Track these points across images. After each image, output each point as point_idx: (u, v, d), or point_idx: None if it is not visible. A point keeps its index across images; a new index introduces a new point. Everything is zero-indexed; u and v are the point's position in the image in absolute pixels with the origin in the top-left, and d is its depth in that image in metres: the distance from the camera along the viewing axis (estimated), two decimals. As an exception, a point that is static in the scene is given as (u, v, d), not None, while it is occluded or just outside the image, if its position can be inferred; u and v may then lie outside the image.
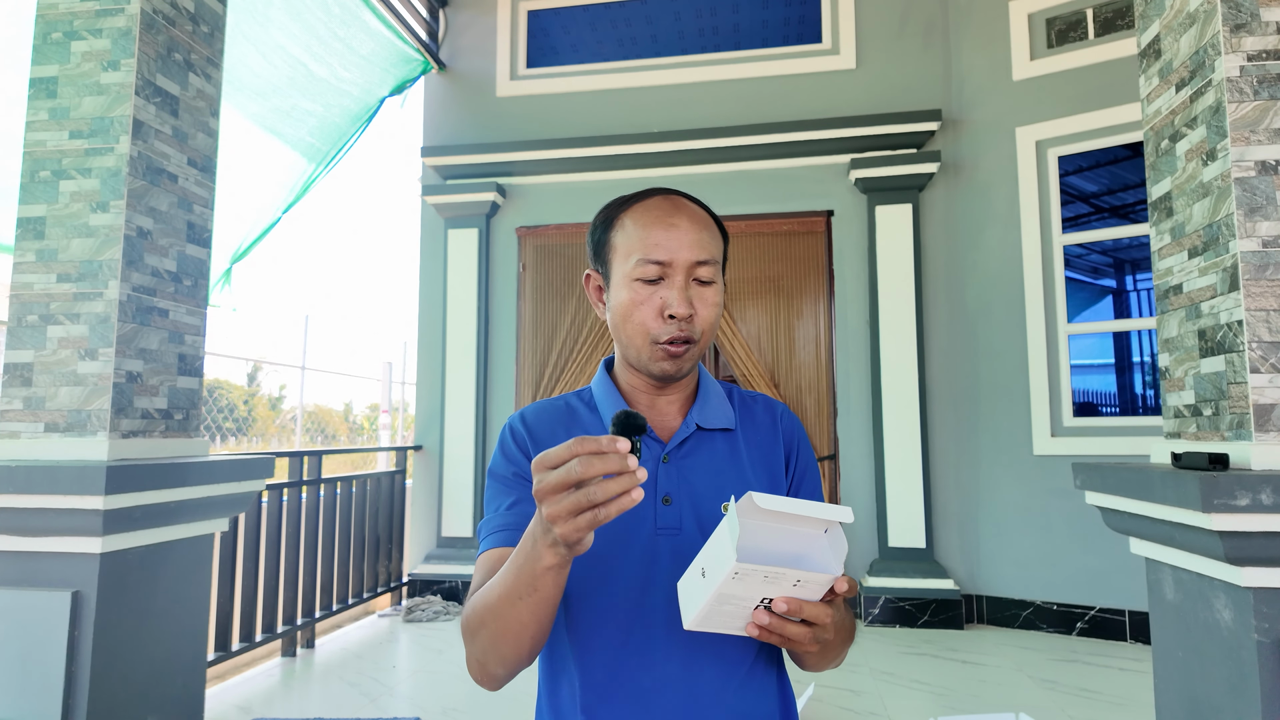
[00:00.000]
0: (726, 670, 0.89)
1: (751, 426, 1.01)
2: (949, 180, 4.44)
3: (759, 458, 0.99)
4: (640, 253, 0.92)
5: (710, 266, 0.93)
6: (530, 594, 0.75)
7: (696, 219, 0.94)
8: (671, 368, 0.93)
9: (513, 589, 0.76)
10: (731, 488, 0.94)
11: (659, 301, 0.91)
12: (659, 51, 4.91)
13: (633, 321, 0.92)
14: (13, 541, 1.82)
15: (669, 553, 0.91)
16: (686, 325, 0.91)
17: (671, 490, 0.94)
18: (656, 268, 0.91)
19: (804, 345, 4.48)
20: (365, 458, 8.48)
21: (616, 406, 0.97)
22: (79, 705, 1.76)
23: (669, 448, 0.96)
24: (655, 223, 0.93)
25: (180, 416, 2.20)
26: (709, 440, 0.98)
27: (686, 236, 0.92)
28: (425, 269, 5.05)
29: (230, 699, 3.06)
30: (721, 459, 0.97)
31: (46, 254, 2.01)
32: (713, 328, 0.95)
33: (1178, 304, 1.73)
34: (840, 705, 2.97)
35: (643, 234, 0.93)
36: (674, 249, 0.91)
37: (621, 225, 0.95)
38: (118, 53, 2.04)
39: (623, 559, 0.91)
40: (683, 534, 0.92)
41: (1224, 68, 1.54)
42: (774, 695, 0.94)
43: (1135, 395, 4.00)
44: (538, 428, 0.99)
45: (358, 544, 4.29)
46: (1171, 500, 1.48)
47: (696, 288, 0.93)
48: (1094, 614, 3.88)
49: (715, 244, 0.95)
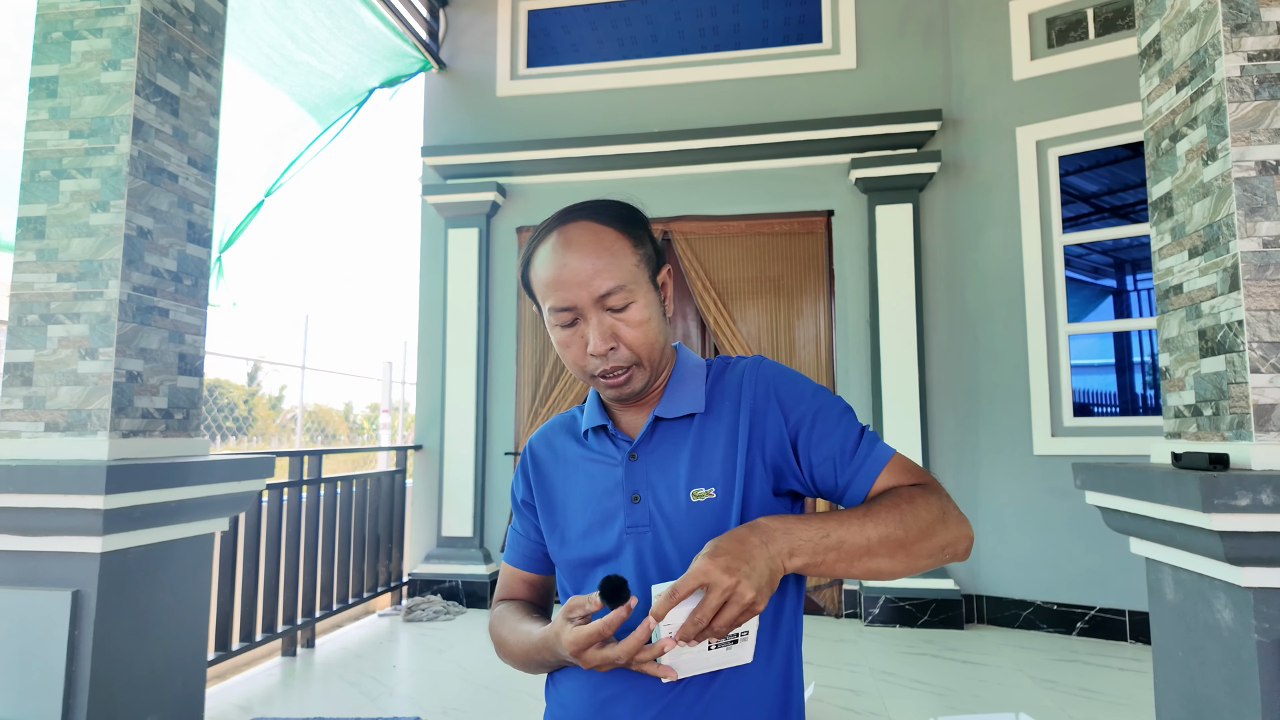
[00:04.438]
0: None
1: (720, 399, 0.99)
2: (949, 180, 4.44)
3: (722, 431, 0.96)
4: (549, 301, 0.94)
5: (619, 292, 0.91)
6: (543, 668, 0.98)
7: (591, 247, 0.92)
8: (618, 394, 0.97)
9: (529, 658, 0.97)
10: (688, 474, 0.94)
11: (581, 340, 0.93)
12: (659, 51, 4.91)
13: (567, 360, 0.96)
14: (13, 541, 1.83)
15: (636, 551, 0.94)
16: (613, 355, 0.93)
17: (638, 487, 0.96)
18: (567, 313, 0.93)
19: (804, 345, 4.48)
20: (365, 457, 8.48)
21: (595, 420, 1.02)
22: (79, 704, 1.77)
23: (634, 445, 0.98)
24: (551, 268, 0.93)
25: (180, 416, 2.20)
26: (670, 431, 0.98)
27: (581, 273, 0.91)
28: (425, 269, 5.05)
29: (230, 698, 3.06)
30: (682, 447, 0.97)
31: (47, 253, 2.01)
32: (649, 344, 0.94)
33: (1178, 304, 1.73)
34: (840, 705, 2.97)
35: (545, 281, 0.94)
36: (573, 292, 0.91)
37: (533, 269, 0.97)
38: (118, 52, 2.04)
39: (602, 560, 0.97)
40: (650, 529, 0.94)
41: (1224, 68, 1.54)
42: (775, 685, 0.93)
43: (1135, 395, 4.00)
44: (540, 451, 1.09)
45: (358, 543, 4.29)
46: (1172, 500, 1.48)
47: (612, 317, 0.92)
48: (1094, 614, 3.88)
49: (621, 262, 0.92)
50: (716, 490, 0.93)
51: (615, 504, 0.97)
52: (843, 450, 0.92)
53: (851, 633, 3.99)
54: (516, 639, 0.99)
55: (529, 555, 1.10)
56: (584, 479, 1.01)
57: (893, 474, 0.92)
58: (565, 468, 1.04)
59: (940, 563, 0.88)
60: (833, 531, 0.82)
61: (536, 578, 1.11)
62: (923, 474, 0.93)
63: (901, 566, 0.85)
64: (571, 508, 1.01)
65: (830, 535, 0.82)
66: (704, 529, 0.91)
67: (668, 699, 0.88)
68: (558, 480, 1.04)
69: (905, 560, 0.85)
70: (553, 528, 1.03)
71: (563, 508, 1.02)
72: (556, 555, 1.02)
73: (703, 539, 0.90)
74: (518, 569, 1.11)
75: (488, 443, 4.80)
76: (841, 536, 0.82)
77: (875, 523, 0.83)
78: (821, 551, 0.82)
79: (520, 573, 1.11)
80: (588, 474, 1.01)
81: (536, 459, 1.08)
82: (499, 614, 1.07)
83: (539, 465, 1.07)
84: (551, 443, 1.08)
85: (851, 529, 0.83)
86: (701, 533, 0.91)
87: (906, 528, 0.84)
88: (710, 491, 0.93)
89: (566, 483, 1.03)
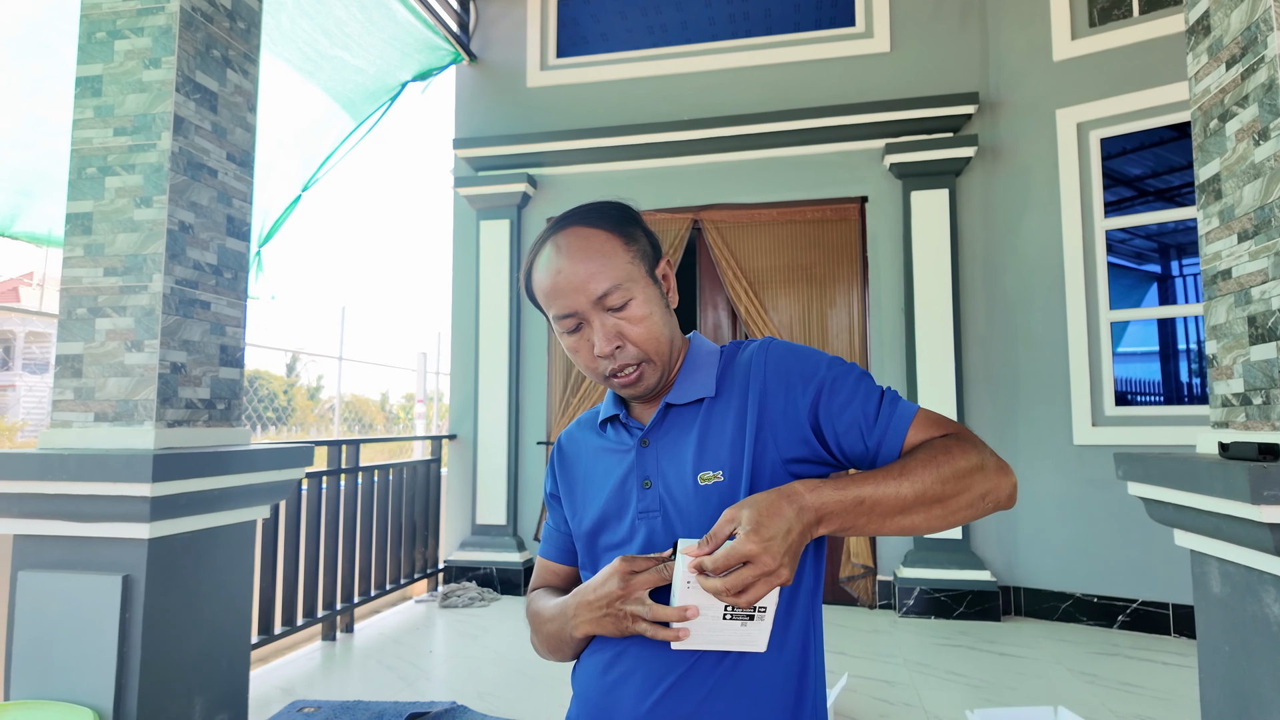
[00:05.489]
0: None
1: (730, 383, 0.99)
2: (987, 164, 4.34)
3: (730, 414, 0.96)
4: (552, 309, 0.96)
5: (616, 292, 0.93)
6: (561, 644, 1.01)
7: (583, 251, 0.94)
8: (632, 392, 0.99)
9: (555, 636, 1.01)
10: (695, 458, 0.95)
11: (588, 345, 0.96)
12: (689, 38, 4.87)
13: (581, 365, 0.99)
14: (67, 527, 1.89)
15: (648, 535, 0.95)
16: (620, 353, 0.95)
17: (649, 473, 0.98)
18: (570, 320, 0.95)
19: (837, 334, 4.44)
20: (401, 446, 8.61)
21: (610, 411, 1.06)
22: (130, 685, 1.83)
23: (646, 431, 1.00)
24: (548, 278, 0.96)
25: (222, 406, 2.25)
26: (680, 416, 0.99)
27: (576, 278, 0.93)
28: (458, 260, 5.10)
29: (273, 681, 3.15)
30: (690, 431, 0.97)
31: (94, 248, 2.07)
32: (654, 338, 0.96)
33: (1226, 289, 1.67)
34: (874, 696, 2.95)
35: (544, 291, 0.97)
36: (572, 298, 0.94)
37: (534, 280, 1.00)
38: (159, 50, 2.08)
39: (614, 545, 0.99)
40: (660, 513, 0.95)
41: (1277, 43, 1.48)
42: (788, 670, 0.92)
43: (1180, 384, 3.89)
44: (566, 446, 1.13)
45: (394, 531, 4.37)
46: (1219, 491, 1.44)
47: (613, 316, 0.94)
48: (1136, 607, 3.80)
49: (614, 262, 0.94)
50: (724, 473, 0.93)
51: (629, 490, 0.99)
52: (865, 414, 0.91)
53: (885, 624, 3.96)
54: (547, 612, 1.03)
55: (560, 547, 1.13)
56: (601, 469, 1.04)
57: (921, 429, 0.90)
58: (586, 459, 1.08)
59: (981, 512, 0.85)
60: (865, 491, 0.81)
61: (568, 569, 1.14)
62: (954, 425, 0.91)
63: (939, 521, 0.84)
64: (590, 496, 1.04)
65: (863, 496, 0.81)
66: (711, 512, 0.92)
67: (674, 677, 0.89)
68: (579, 473, 1.08)
69: (942, 514, 0.83)
70: (574, 516, 1.07)
71: (583, 497, 1.06)
72: (577, 542, 1.06)
73: (710, 522, 0.90)
74: (550, 561, 1.15)
75: (520, 432, 4.84)
76: (875, 495, 0.81)
77: (909, 479, 0.82)
78: (853, 514, 0.81)
79: (553, 565, 1.15)
80: (604, 464, 1.04)
81: (563, 453, 1.12)
82: (530, 599, 1.12)
83: (564, 459, 1.12)
84: (575, 437, 1.12)
85: (885, 487, 0.81)
86: (709, 515, 0.92)
87: (943, 481, 0.82)
88: (718, 474, 0.93)
89: (587, 474, 1.07)
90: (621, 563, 0.89)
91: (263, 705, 2.84)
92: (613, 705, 0.92)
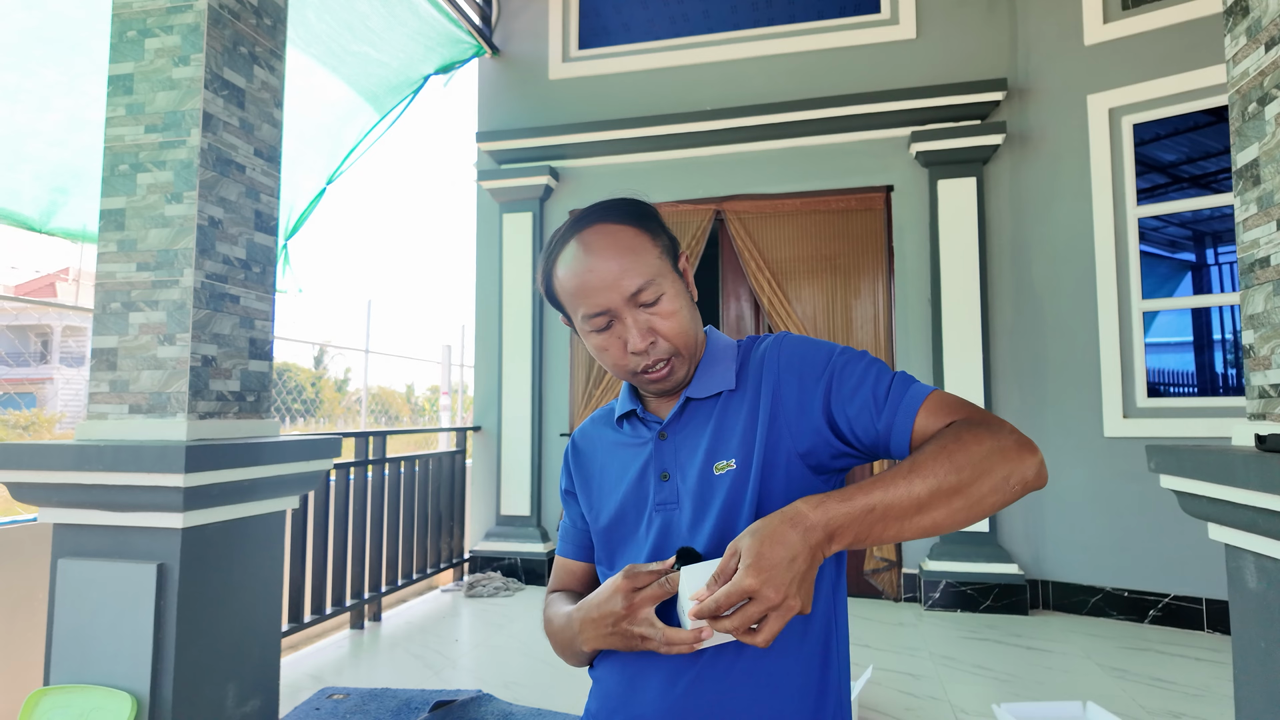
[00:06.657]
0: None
1: (746, 376, 0.99)
2: (1015, 152, 4.27)
3: (744, 405, 0.96)
4: (581, 308, 0.94)
5: (649, 287, 0.92)
6: (573, 653, 1.00)
7: (613, 248, 0.93)
8: (661, 388, 0.99)
9: (567, 647, 1.00)
10: (710, 448, 0.96)
11: (619, 342, 0.95)
12: (711, 28, 4.84)
13: (608, 363, 0.97)
14: (104, 516, 1.94)
15: (665, 527, 0.96)
16: (653, 349, 0.94)
17: (666, 465, 0.98)
18: (601, 318, 0.94)
19: (862, 325, 4.40)
20: (427, 438, 8.70)
21: (626, 407, 1.05)
22: (166, 671, 1.87)
23: (665, 425, 1.01)
24: (578, 275, 0.93)
25: (252, 398, 2.29)
26: (698, 410, 1.00)
27: (609, 275, 0.92)
28: (481, 253, 5.12)
29: (303, 669, 3.21)
30: (707, 424, 0.98)
31: (127, 244, 2.11)
32: (684, 332, 0.95)
33: (1264, 278, 1.63)
34: (899, 689, 2.94)
35: (572, 291, 0.95)
36: (605, 295, 0.92)
37: (557, 280, 0.97)
38: (187, 48, 2.11)
39: (630, 537, 1.00)
40: (678, 505, 0.96)
41: (1320, 24, 1.44)
42: (810, 663, 0.91)
43: (1214, 374, 3.80)
44: (580, 442, 1.13)
45: (421, 521, 4.42)
46: (1255, 484, 1.41)
47: (645, 312, 0.93)
48: (1168, 601, 3.73)
49: (644, 257, 0.93)
50: (736, 460, 0.93)
51: (646, 483, 0.99)
52: (874, 397, 0.89)
53: (911, 617, 3.93)
54: (557, 621, 1.03)
55: (578, 543, 1.13)
56: (618, 463, 1.05)
57: (934, 413, 0.86)
58: (602, 454, 1.08)
59: (1009, 497, 0.78)
60: (874, 498, 0.75)
61: (586, 567, 1.13)
62: (970, 407, 0.86)
63: (963, 514, 0.77)
64: (607, 490, 1.04)
65: (872, 503, 0.75)
66: (726, 500, 0.92)
67: (696, 670, 0.89)
68: (595, 468, 1.08)
69: (965, 506, 0.77)
70: (590, 510, 1.07)
71: (599, 491, 1.06)
72: (595, 537, 1.06)
73: (726, 510, 0.91)
74: (567, 559, 1.15)
75: (544, 424, 4.87)
76: (885, 500, 0.75)
77: (920, 475, 0.76)
78: (866, 523, 0.75)
79: (570, 563, 1.14)
80: (621, 458, 1.04)
81: (578, 450, 1.13)
82: (546, 603, 1.11)
83: (579, 455, 1.12)
84: (590, 434, 1.12)
85: (895, 488, 0.76)
86: (724, 504, 0.92)
87: (958, 469, 0.76)
88: (730, 463, 0.93)
89: (603, 468, 1.07)
90: (624, 579, 0.87)
91: (293, 692, 2.89)
92: (634, 697, 0.92)
